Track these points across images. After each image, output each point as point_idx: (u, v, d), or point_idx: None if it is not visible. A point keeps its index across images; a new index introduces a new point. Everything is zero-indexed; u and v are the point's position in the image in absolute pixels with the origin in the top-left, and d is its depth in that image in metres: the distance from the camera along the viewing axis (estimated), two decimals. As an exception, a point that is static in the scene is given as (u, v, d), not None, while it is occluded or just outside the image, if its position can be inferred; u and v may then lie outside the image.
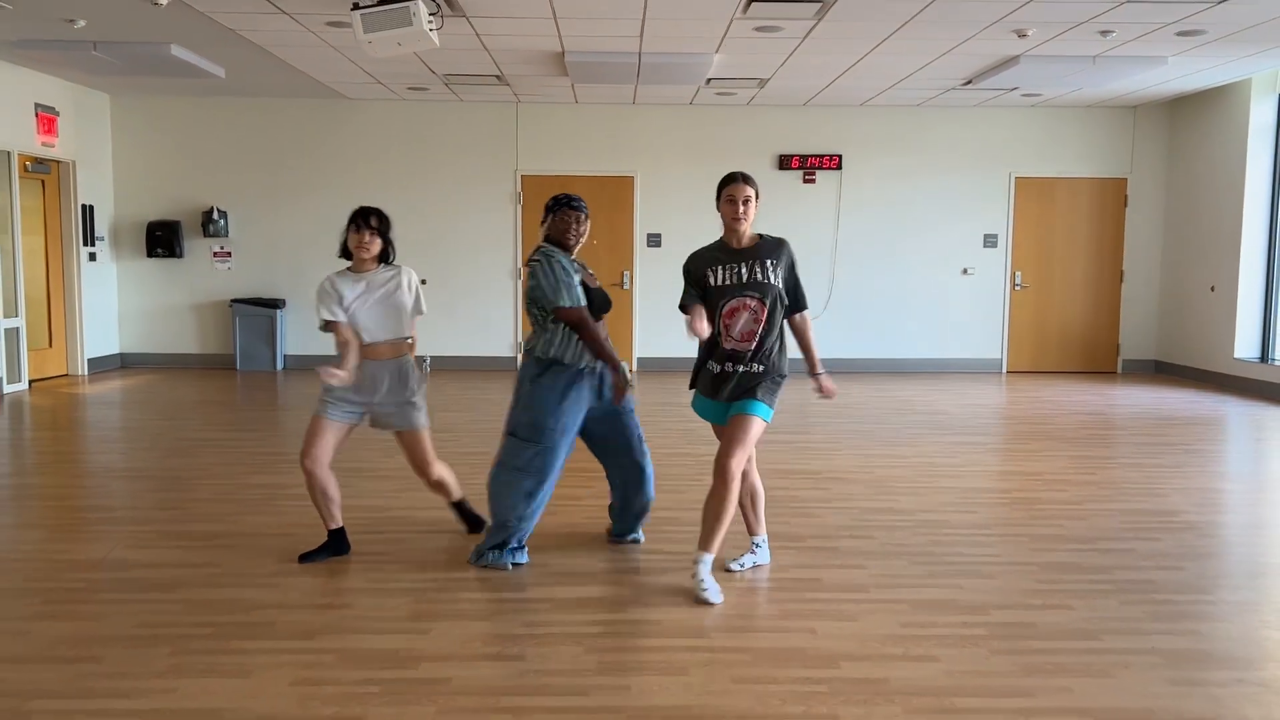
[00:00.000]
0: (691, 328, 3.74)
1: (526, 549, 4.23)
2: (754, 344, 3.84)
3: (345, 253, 4.27)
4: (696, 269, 3.94)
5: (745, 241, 3.92)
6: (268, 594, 3.84)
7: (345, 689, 3.02)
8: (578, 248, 4.25)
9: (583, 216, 4.21)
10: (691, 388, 4.09)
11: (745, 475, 4.07)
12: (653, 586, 3.91)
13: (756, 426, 3.81)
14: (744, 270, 3.86)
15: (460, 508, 4.63)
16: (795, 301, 3.96)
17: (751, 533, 4.24)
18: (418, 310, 4.32)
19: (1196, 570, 4.21)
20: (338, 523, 4.30)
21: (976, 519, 5.00)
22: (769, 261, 3.87)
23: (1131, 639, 3.45)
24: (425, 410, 4.34)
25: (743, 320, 3.83)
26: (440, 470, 4.43)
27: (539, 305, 4.12)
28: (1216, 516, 5.08)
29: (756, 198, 3.89)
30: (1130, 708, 2.93)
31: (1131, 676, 3.15)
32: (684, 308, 3.91)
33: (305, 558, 4.25)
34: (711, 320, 3.87)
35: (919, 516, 5.01)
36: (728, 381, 3.89)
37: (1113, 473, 6.07)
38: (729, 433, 3.83)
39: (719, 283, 3.87)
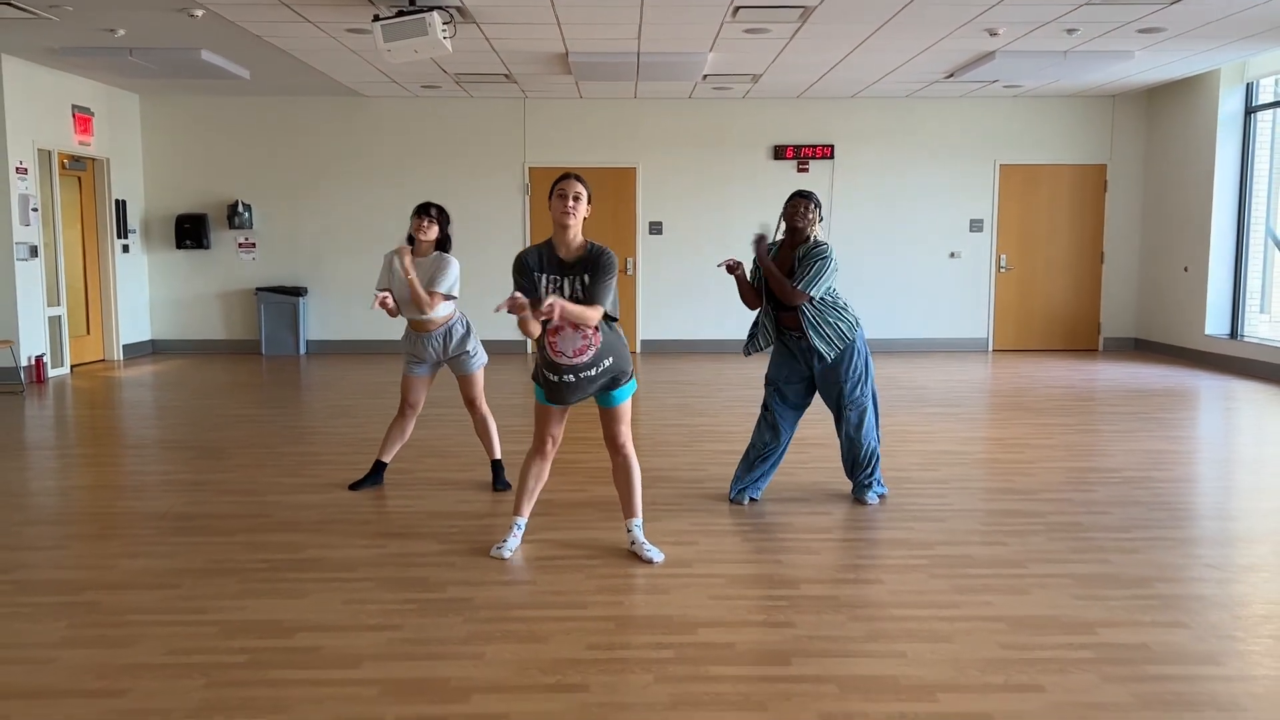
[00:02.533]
0: (522, 326, 3.76)
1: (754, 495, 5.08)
2: (589, 356, 3.88)
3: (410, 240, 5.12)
4: (526, 271, 3.87)
5: (574, 251, 3.88)
6: (314, 538, 4.46)
7: (386, 606, 3.64)
8: (810, 230, 4.72)
9: (809, 204, 4.72)
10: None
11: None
12: (647, 530, 4.50)
13: (628, 408, 4.09)
14: (566, 286, 3.85)
15: (496, 467, 5.36)
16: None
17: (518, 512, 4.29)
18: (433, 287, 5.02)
19: (1122, 515, 4.80)
20: (388, 458, 5.37)
21: (937, 475, 5.59)
22: (587, 276, 3.84)
23: (1051, 566, 4.04)
24: (479, 358, 5.22)
25: (574, 340, 3.85)
26: (486, 410, 5.29)
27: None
28: (1154, 472, 5.66)
29: (588, 200, 3.87)
30: (1038, 615, 3.53)
31: (1044, 594, 3.74)
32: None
33: (354, 486, 5.32)
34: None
35: (885, 474, 5.59)
36: (576, 389, 3.92)
37: (1069, 437, 6.64)
38: (615, 418, 4.06)
39: (544, 294, 3.82)
